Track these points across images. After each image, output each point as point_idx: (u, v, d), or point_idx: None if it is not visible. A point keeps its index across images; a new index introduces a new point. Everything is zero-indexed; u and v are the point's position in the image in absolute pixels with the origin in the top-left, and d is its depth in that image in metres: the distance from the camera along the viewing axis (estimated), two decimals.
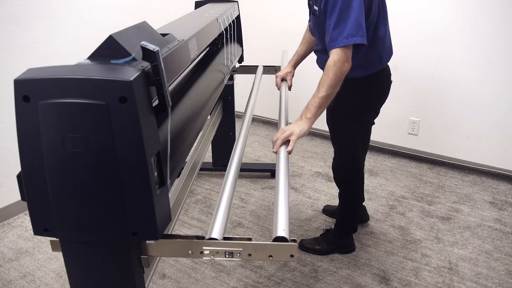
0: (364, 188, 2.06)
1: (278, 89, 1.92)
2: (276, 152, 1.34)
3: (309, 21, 1.72)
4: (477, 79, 2.55)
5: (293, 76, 1.96)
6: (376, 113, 1.81)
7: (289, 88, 1.91)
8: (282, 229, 0.95)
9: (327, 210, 2.34)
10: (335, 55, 1.41)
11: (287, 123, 1.51)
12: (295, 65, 1.98)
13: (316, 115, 1.44)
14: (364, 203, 2.22)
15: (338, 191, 2.01)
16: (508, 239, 2.11)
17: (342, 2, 1.38)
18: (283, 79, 1.94)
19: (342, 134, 1.83)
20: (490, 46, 2.45)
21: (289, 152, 1.32)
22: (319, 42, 1.69)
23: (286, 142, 1.36)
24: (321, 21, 1.52)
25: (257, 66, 2.35)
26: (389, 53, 1.72)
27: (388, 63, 1.75)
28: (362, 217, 2.23)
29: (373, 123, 1.83)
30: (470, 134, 2.68)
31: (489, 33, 2.43)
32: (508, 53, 2.41)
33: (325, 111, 1.56)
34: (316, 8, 1.53)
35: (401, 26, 2.61)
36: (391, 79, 1.78)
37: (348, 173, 1.91)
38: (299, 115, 1.46)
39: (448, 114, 2.72)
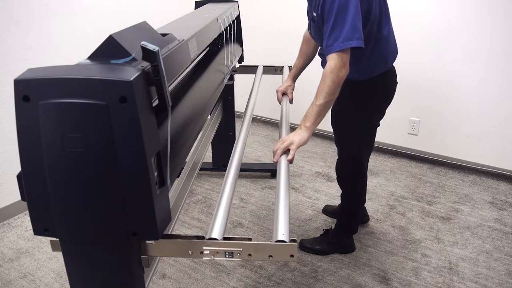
0: None
1: (280, 103, 1.91)
2: (276, 162, 1.34)
3: (309, 28, 1.72)
4: (477, 79, 2.55)
5: (293, 89, 1.95)
6: (382, 114, 1.80)
7: (291, 101, 1.90)
8: (281, 233, 0.96)
9: (327, 210, 2.34)
10: (331, 60, 1.40)
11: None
12: (294, 78, 1.98)
13: (315, 123, 1.43)
14: (364, 204, 2.22)
15: (340, 192, 2.01)
16: (508, 239, 2.11)
17: (338, 7, 1.37)
18: (284, 94, 1.94)
19: (347, 136, 1.83)
20: (490, 46, 2.45)
21: (290, 161, 1.32)
22: (321, 47, 1.69)
23: (287, 151, 1.36)
24: (319, 27, 1.52)
25: (257, 66, 2.36)
26: (394, 53, 1.70)
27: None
28: (363, 217, 2.23)
29: (378, 125, 1.82)
30: (470, 134, 2.68)
31: (490, 33, 2.43)
32: (509, 53, 2.41)
33: (329, 112, 1.55)
34: (314, 14, 1.53)
35: (401, 26, 2.60)
36: (397, 80, 1.76)
37: (351, 174, 1.91)
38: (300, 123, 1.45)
39: (448, 114, 2.72)
